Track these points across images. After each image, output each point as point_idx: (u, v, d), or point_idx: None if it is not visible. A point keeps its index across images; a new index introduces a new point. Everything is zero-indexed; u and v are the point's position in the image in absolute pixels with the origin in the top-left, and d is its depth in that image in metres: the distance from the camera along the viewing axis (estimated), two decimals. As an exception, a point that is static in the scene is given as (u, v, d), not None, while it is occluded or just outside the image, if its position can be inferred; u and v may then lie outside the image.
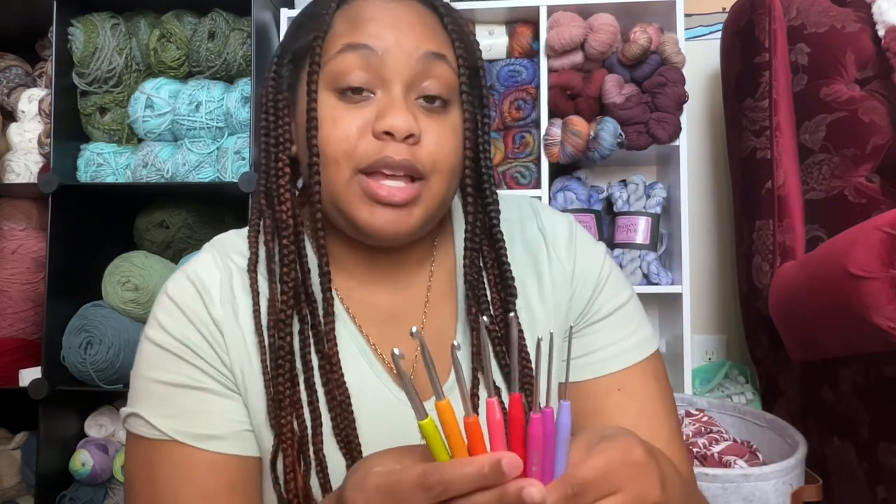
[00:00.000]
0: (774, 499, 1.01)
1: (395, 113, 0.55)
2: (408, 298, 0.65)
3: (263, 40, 1.57)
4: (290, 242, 0.59)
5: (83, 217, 1.61)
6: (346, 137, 0.55)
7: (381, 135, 0.55)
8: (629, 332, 0.64)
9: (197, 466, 0.56)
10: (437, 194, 0.58)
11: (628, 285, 0.68)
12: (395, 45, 0.56)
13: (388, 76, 0.56)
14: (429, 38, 0.58)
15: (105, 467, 1.54)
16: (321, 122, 0.56)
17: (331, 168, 0.56)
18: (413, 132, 0.55)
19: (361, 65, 0.56)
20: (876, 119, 1.33)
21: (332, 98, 0.57)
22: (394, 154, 0.55)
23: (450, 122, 0.59)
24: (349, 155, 0.55)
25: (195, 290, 0.59)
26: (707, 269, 1.84)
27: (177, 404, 0.57)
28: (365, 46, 0.56)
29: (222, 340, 0.58)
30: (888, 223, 0.94)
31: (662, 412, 0.62)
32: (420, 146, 0.56)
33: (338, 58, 0.56)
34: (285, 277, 0.59)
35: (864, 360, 1.10)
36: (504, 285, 0.62)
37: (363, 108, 0.56)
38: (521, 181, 1.58)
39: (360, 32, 0.56)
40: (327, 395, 0.58)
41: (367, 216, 0.56)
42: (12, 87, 1.73)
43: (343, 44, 0.56)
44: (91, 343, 1.50)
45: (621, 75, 1.54)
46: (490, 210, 0.63)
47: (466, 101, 0.59)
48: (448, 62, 0.58)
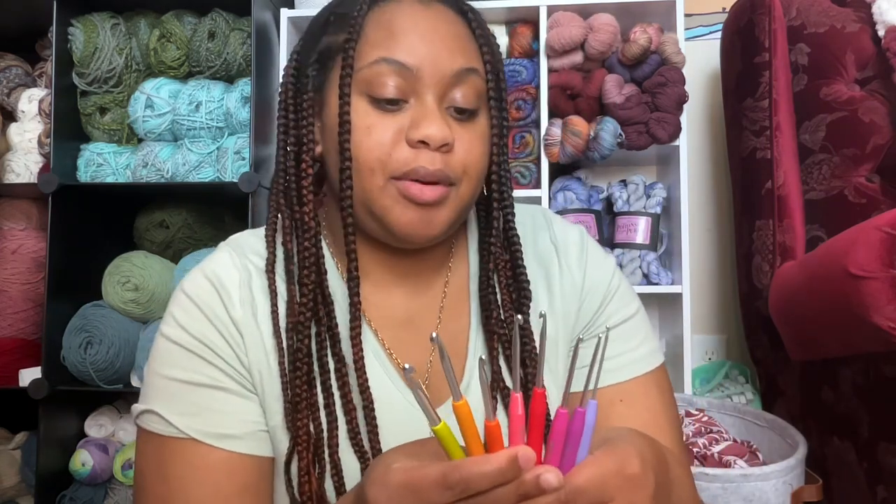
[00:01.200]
0: (774, 499, 1.01)
1: (430, 122, 0.55)
2: (424, 303, 0.65)
3: (263, 40, 1.57)
4: (311, 245, 0.59)
5: (83, 217, 1.61)
6: (381, 145, 0.56)
7: (415, 143, 0.56)
8: (635, 344, 0.65)
9: (211, 465, 0.56)
10: (464, 198, 0.59)
11: (636, 298, 0.69)
12: (429, 62, 0.56)
13: (421, 89, 0.57)
14: (461, 53, 0.58)
15: (105, 467, 1.54)
16: (354, 129, 0.56)
17: (364, 174, 0.56)
18: (447, 141, 0.56)
19: (396, 77, 0.56)
20: (876, 119, 1.33)
21: (365, 104, 0.57)
22: (427, 164, 0.55)
23: (479, 129, 0.59)
24: (384, 163, 0.56)
25: (213, 289, 0.59)
26: (707, 269, 1.84)
27: (193, 402, 0.57)
28: (400, 63, 0.56)
29: (241, 341, 0.58)
30: (888, 223, 0.94)
31: (665, 424, 0.62)
32: (452, 154, 0.57)
33: (372, 68, 0.56)
34: (304, 280, 0.59)
35: (864, 360, 1.10)
36: (518, 287, 0.63)
37: (396, 116, 0.57)
38: (521, 181, 1.58)
39: (394, 47, 0.56)
40: (343, 398, 0.59)
41: (399, 217, 0.57)
42: (12, 87, 1.73)
43: (378, 56, 0.56)
44: (91, 343, 1.50)
45: (621, 75, 1.54)
46: (507, 213, 0.64)
47: (495, 107, 0.60)
48: (479, 73, 0.59)
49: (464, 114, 0.58)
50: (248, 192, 1.45)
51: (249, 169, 1.49)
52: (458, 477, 0.37)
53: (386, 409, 0.60)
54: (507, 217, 0.64)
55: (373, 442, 0.58)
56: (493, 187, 0.63)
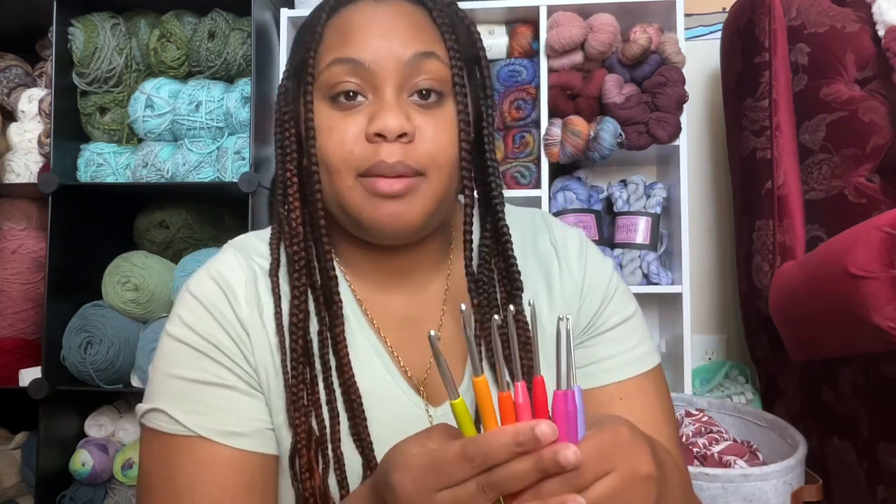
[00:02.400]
0: (774, 499, 1.01)
1: (385, 114, 0.56)
2: (424, 302, 0.66)
3: (263, 40, 1.57)
4: (300, 249, 0.61)
5: (83, 217, 1.61)
6: (342, 144, 0.57)
7: (373, 137, 0.56)
8: (633, 345, 0.66)
9: (217, 462, 0.56)
10: (437, 188, 0.58)
11: (633, 300, 0.70)
12: (383, 54, 0.57)
13: (377, 82, 0.57)
14: (417, 39, 0.58)
15: (105, 467, 1.54)
16: (318, 132, 0.58)
17: (333, 175, 0.57)
18: (405, 130, 0.56)
19: (351, 74, 0.57)
20: (876, 119, 1.33)
21: (326, 108, 0.58)
22: (386, 157, 0.55)
23: (445, 115, 0.59)
24: (347, 161, 0.57)
25: (219, 289, 0.60)
26: (707, 269, 1.84)
27: (200, 401, 0.57)
28: (353, 60, 0.57)
29: (248, 340, 0.59)
30: (888, 223, 0.94)
31: (662, 421, 0.64)
32: (415, 144, 0.57)
33: (328, 70, 0.58)
34: (296, 282, 0.60)
35: (864, 360, 1.10)
36: (510, 279, 0.63)
37: (356, 115, 0.57)
38: (521, 181, 1.58)
39: (347, 45, 0.57)
40: (344, 395, 0.60)
41: (369, 212, 0.57)
42: (12, 87, 1.73)
43: (332, 58, 0.57)
44: (91, 343, 1.50)
45: (621, 75, 1.54)
46: (495, 205, 0.63)
47: (459, 92, 0.59)
48: (439, 57, 0.58)
49: (428, 97, 0.58)
50: (248, 192, 1.45)
51: (249, 169, 1.49)
52: (477, 449, 0.38)
53: (388, 406, 0.61)
54: (495, 209, 0.63)
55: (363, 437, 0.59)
56: (465, 175, 0.59)
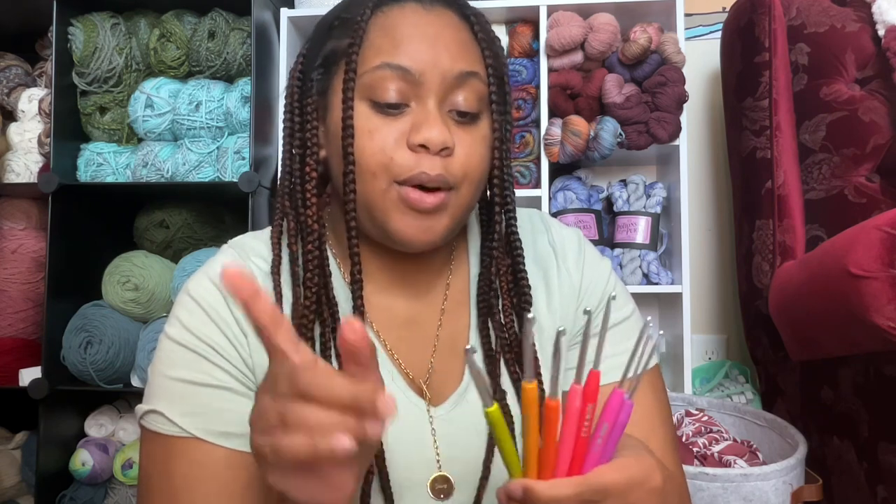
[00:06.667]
0: (774, 499, 1.01)
1: (430, 126, 0.56)
2: (425, 305, 0.66)
3: (263, 40, 1.57)
4: (314, 248, 0.60)
5: (83, 217, 1.60)
6: (383, 149, 0.57)
7: (416, 147, 0.56)
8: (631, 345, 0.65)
9: (215, 463, 0.56)
10: (464, 203, 0.60)
11: (631, 301, 0.70)
12: (431, 66, 0.57)
13: (423, 92, 0.57)
14: (463, 56, 0.59)
15: (105, 467, 1.54)
16: (357, 133, 0.57)
17: (367, 178, 0.57)
18: (448, 145, 0.56)
19: (398, 81, 0.57)
20: (876, 119, 1.33)
21: (367, 108, 0.58)
22: (428, 170, 0.56)
23: (480, 132, 0.60)
24: (386, 166, 0.57)
25: (217, 290, 0.60)
26: (707, 269, 1.84)
27: (197, 402, 0.57)
28: (402, 68, 0.57)
29: (246, 342, 0.59)
30: (888, 223, 0.94)
31: (658, 422, 0.64)
32: (452, 158, 0.58)
33: (375, 73, 0.57)
34: (308, 283, 0.60)
35: (864, 360, 1.10)
36: (519, 292, 0.64)
37: (398, 120, 0.57)
38: (521, 181, 1.58)
39: (397, 51, 0.57)
40: None
41: (399, 223, 0.57)
42: (12, 86, 1.73)
43: (381, 61, 0.57)
44: (91, 343, 1.50)
45: (621, 75, 1.54)
46: (509, 217, 0.65)
47: (496, 111, 0.61)
48: (480, 77, 0.60)
49: (465, 117, 0.59)
50: (248, 191, 1.45)
51: (249, 169, 1.49)
52: None
53: None
54: (509, 221, 0.65)
55: None
56: (496, 191, 0.63)
